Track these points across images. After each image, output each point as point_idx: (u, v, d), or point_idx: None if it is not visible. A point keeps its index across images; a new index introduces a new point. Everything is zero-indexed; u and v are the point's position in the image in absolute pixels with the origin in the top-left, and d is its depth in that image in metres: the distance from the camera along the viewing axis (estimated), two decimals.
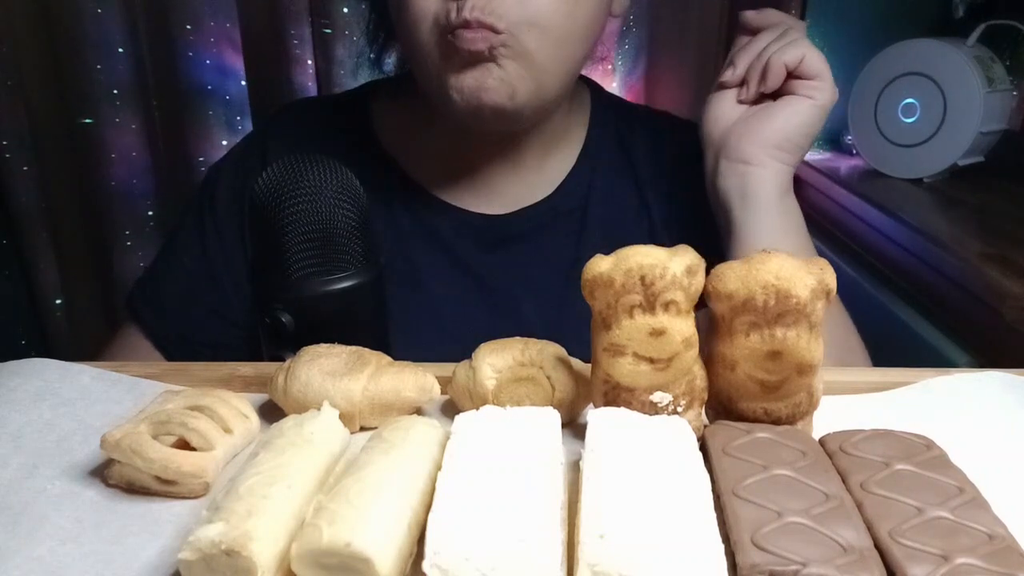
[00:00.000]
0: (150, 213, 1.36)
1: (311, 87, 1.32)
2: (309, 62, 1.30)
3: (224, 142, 1.33)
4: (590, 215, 0.80)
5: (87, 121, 1.27)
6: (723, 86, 0.73)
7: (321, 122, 0.83)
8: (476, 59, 0.65)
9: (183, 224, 0.82)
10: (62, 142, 1.29)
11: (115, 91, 1.26)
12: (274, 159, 0.67)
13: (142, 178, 1.33)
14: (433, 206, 0.78)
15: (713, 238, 0.72)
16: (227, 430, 0.46)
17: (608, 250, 0.44)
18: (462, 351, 0.52)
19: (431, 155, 0.79)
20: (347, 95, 0.88)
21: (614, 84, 1.33)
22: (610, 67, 1.32)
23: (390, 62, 0.87)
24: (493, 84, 0.66)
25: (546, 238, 0.79)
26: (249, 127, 1.34)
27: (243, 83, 1.31)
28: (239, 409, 0.48)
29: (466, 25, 0.63)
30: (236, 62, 1.31)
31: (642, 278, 0.42)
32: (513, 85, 0.66)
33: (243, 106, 1.33)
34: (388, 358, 0.52)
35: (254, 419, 0.49)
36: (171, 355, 0.77)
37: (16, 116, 1.24)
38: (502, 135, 0.76)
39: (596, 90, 0.86)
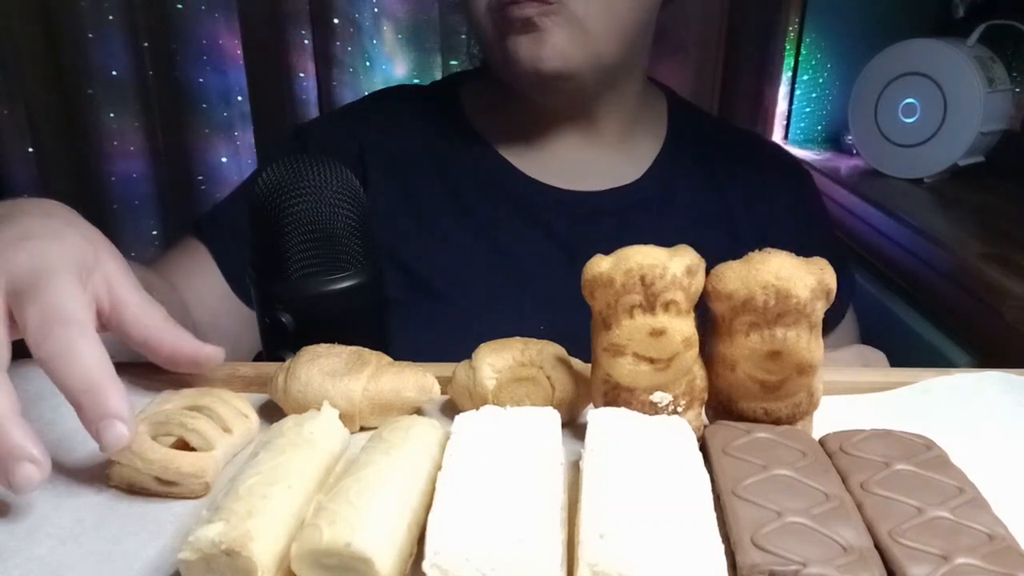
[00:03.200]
0: (154, 232, 1.36)
1: (312, 99, 1.32)
2: (301, 74, 1.31)
3: (224, 159, 1.33)
4: (676, 203, 0.82)
5: (86, 145, 1.27)
6: None
7: (417, 104, 0.87)
8: (528, 26, 0.69)
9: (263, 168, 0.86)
10: (64, 165, 1.29)
11: (112, 113, 1.26)
12: (369, 131, 0.76)
13: (144, 198, 1.33)
14: (525, 182, 0.81)
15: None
16: (227, 430, 0.46)
17: (691, 241, 0.44)
18: (552, 318, 0.52)
19: (516, 134, 0.82)
20: (436, 83, 0.92)
21: None
22: None
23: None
24: (547, 53, 0.70)
25: (634, 217, 0.81)
26: (250, 141, 1.34)
27: (240, 98, 1.31)
28: (239, 409, 0.48)
29: (514, 1, 0.68)
30: (236, 79, 1.31)
31: (642, 278, 0.42)
32: (566, 51, 0.70)
33: (244, 122, 1.33)
34: (388, 358, 0.52)
35: (254, 419, 0.49)
36: (234, 279, 0.78)
37: (20, 142, 1.24)
38: (572, 107, 0.79)
39: (672, 94, 0.90)
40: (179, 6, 1.23)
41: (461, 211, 0.79)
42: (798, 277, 0.42)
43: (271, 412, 0.51)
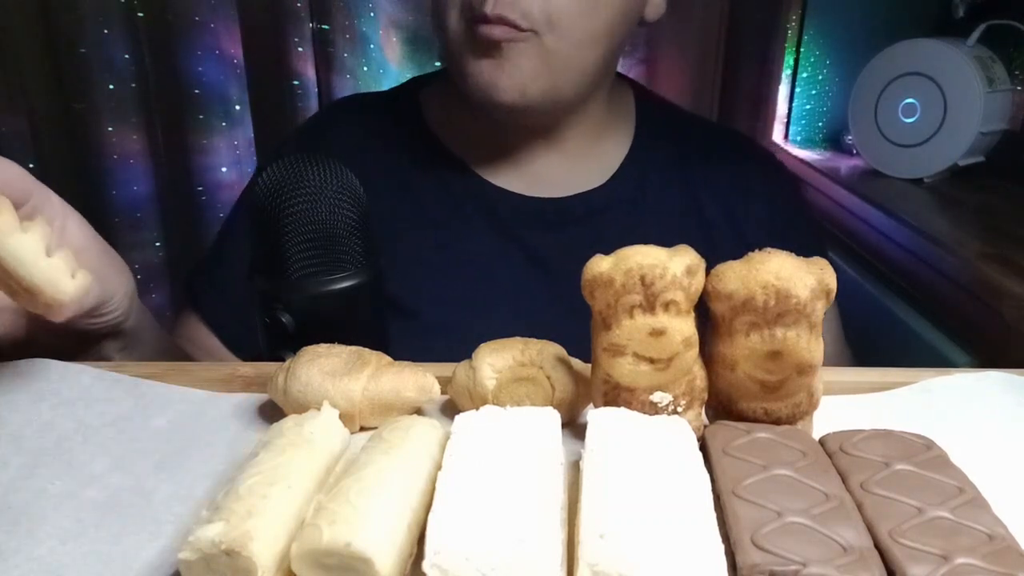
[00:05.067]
0: (157, 244, 1.36)
1: (313, 106, 1.32)
2: (296, 82, 1.31)
3: (224, 168, 1.33)
4: (646, 206, 0.80)
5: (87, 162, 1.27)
6: None
7: (377, 113, 0.85)
8: (492, 50, 0.67)
9: (237, 208, 0.84)
10: (65, 179, 1.29)
11: (110, 128, 1.26)
12: (329, 149, 0.72)
13: (146, 210, 1.33)
14: (490, 191, 0.79)
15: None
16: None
17: (663, 242, 0.44)
18: (526, 328, 0.52)
19: (479, 142, 0.80)
20: (394, 90, 0.90)
21: None
22: None
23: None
24: (506, 82, 0.68)
25: (603, 223, 0.79)
26: (251, 151, 1.34)
27: (239, 107, 1.32)
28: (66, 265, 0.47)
29: (486, 20, 0.65)
30: (236, 87, 1.31)
31: (642, 278, 0.42)
32: (525, 82, 0.68)
33: (245, 131, 1.33)
34: (388, 358, 0.52)
35: (76, 284, 0.49)
36: (230, 340, 0.78)
37: (21, 156, 1.24)
38: (534, 123, 0.77)
39: (640, 89, 0.87)
40: (169, 16, 1.24)
41: (428, 225, 0.78)
42: (798, 277, 0.42)
43: (271, 412, 0.51)
